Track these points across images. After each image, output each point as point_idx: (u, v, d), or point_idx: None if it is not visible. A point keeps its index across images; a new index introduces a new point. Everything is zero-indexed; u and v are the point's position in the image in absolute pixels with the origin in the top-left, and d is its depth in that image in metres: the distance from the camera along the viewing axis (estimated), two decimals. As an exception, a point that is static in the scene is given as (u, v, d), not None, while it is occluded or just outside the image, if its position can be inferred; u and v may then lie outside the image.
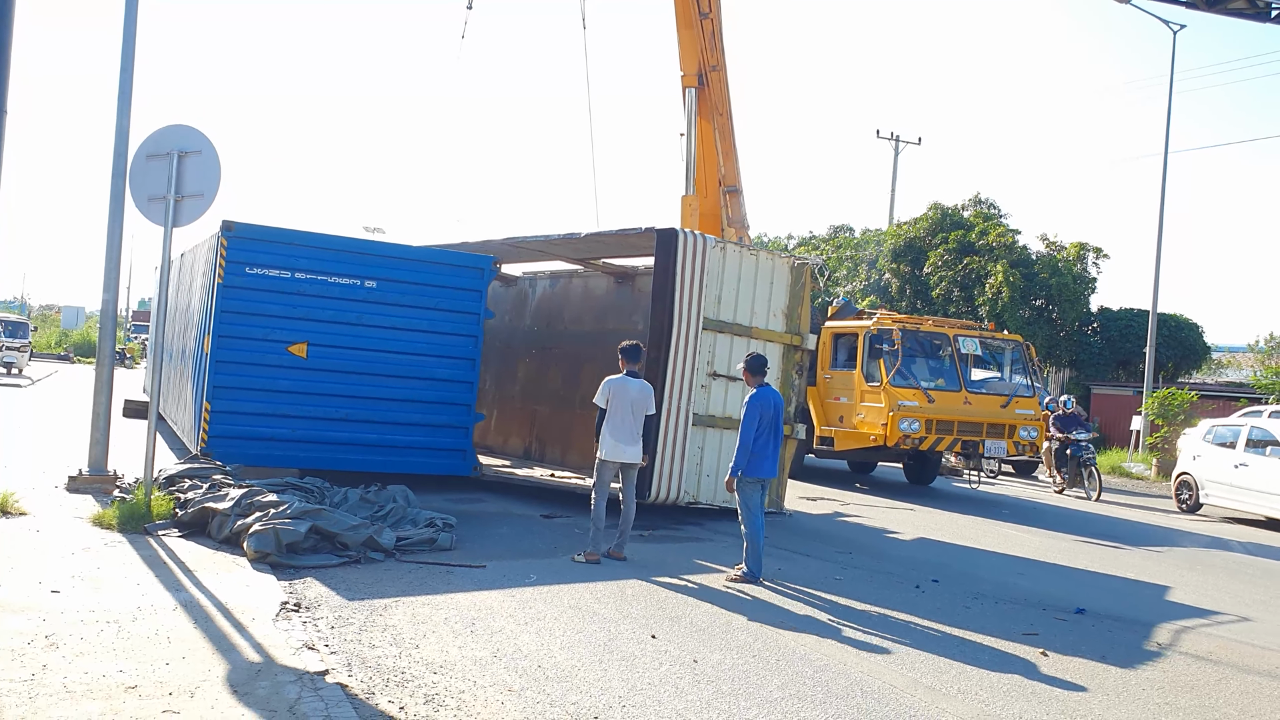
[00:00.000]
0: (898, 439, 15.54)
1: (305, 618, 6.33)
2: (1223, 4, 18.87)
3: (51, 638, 5.40)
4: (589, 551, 8.86)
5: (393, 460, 11.54)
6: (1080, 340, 31.23)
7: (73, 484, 9.87)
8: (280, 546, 7.75)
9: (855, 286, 34.32)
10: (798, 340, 12.14)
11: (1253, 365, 32.44)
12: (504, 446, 16.15)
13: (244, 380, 10.96)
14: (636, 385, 9.04)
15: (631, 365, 9.10)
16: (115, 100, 10.04)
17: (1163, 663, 6.94)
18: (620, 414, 8.94)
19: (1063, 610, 8.29)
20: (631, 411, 8.96)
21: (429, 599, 7.12)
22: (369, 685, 5.23)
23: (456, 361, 11.94)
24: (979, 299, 30.14)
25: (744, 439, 8.56)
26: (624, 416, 8.94)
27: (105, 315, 10.46)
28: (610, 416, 8.94)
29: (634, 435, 8.98)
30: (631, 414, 8.96)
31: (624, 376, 9.06)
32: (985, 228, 31.51)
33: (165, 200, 9.23)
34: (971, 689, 5.97)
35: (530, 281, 16.83)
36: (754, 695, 5.55)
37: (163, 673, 5.04)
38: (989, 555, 11.09)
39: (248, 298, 10.94)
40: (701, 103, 15.93)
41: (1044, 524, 14.06)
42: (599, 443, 9.01)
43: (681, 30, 15.82)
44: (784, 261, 12.25)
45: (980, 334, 17.32)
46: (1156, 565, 11.20)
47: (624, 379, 9.04)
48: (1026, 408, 16.71)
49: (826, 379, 17.02)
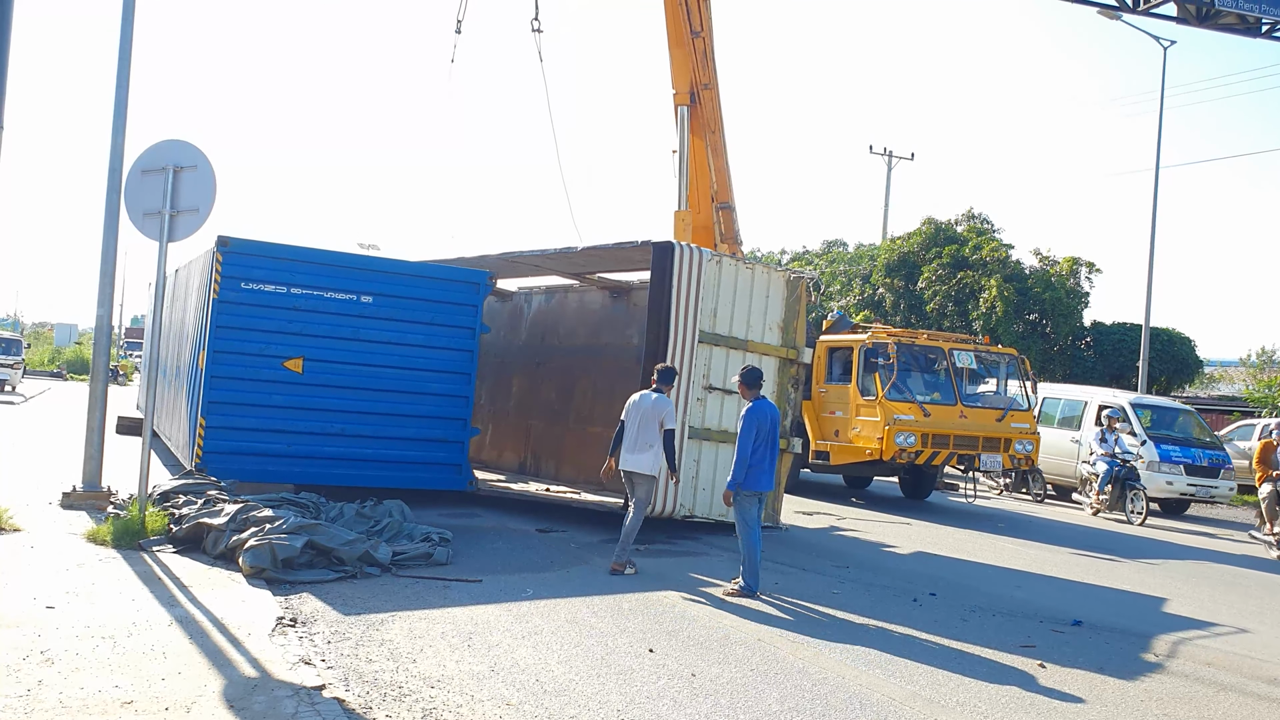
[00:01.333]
0: (893, 453, 15.54)
1: (301, 632, 6.30)
2: (1213, 19, 18.99)
3: (47, 653, 5.37)
4: (614, 561, 9.08)
5: (388, 475, 11.52)
6: (1074, 355, 31.30)
7: (67, 500, 9.82)
8: (276, 562, 7.72)
9: (849, 301, 34.37)
10: (793, 354, 12.15)
11: (1245, 379, 32.53)
12: (499, 461, 16.13)
13: (239, 396, 10.94)
14: (651, 399, 9.19)
15: (660, 385, 9.32)
16: (110, 116, 10.04)
17: (1160, 674, 6.94)
18: (630, 424, 9.17)
19: (1060, 622, 8.28)
20: (640, 421, 9.12)
21: (426, 613, 7.10)
22: (366, 700, 5.20)
23: (452, 376, 11.93)
24: (973, 314, 30.21)
25: (741, 452, 8.56)
26: (632, 426, 9.15)
27: (100, 330, 10.42)
28: (625, 429, 9.19)
29: (637, 444, 9.10)
30: (639, 424, 9.12)
31: (646, 392, 9.32)
32: (979, 242, 31.60)
33: (160, 215, 9.22)
34: (970, 701, 5.96)
35: (526, 297, 16.85)
36: (752, 709, 5.53)
37: (158, 688, 5.01)
38: (986, 568, 11.08)
39: (243, 313, 10.93)
40: (694, 120, 15.96)
41: (1040, 537, 14.07)
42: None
43: (673, 49, 15.87)
44: (779, 275, 12.28)
45: (975, 348, 17.36)
46: (1153, 577, 11.21)
47: (644, 393, 9.30)
48: (1022, 421, 16.73)
49: (822, 393, 17.03)
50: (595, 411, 14.58)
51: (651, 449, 9.08)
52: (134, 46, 10.08)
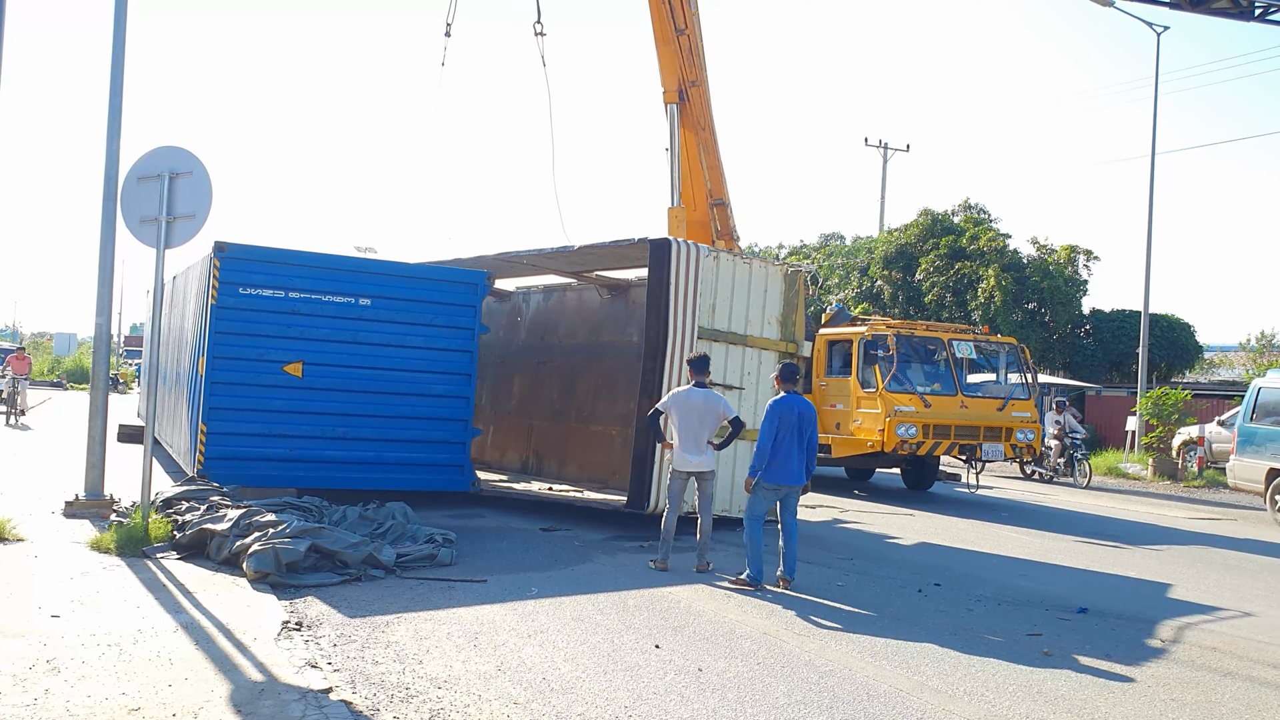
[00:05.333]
0: (895, 444, 15.55)
1: (307, 636, 6.30)
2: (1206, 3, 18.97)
3: (53, 662, 5.37)
4: (657, 560, 9.16)
5: (391, 477, 11.52)
6: (1073, 343, 31.32)
7: (70, 509, 9.82)
8: (280, 566, 7.72)
9: (847, 294, 34.39)
10: (793, 348, 12.13)
11: (1244, 363, 32.56)
12: (501, 461, 16.13)
13: (240, 401, 10.94)
14: (701, 395, 9.15)
15: (699, 376, 9.24)
16: (105, 124, 10.02)
17: (1167, 660, 6.94)
18: (685, 424, 9.09)
19: (1065, 610, 8.28)
20: (697, 421, 9.07)
21: (431, 614, 7.10)
22: (373, 702, 5.20)
23: (452, 377, 11.92)
24: (971, 304, 30.23)
25: (761, 442, 8.62)
26: (688, 426, 9.08)
27: (99, 339, 10.40)
28: (678, 428, 9.10)
29: (699, 444, 9.10)
30: (697, 423, 9.07)
31: (690, 388, 9.24)
32: (976, 232, 31.62)
33: (157, 222, 9.23)
34: (978, 690, 5.96)
35: (524, 296, 16.84)
36: (760, 702, 5.53)
37: (165, 694, 5.01)
38: (990, 557, 11.08)
39: (242, 318, 10.92)
40: (684, 117, 15.95)
41: (1043, 525, 14.06)
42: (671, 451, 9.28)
43: (660, 47, 15.85)
44: (777, 269, 12.27)
45: (975, 338, 17.36)
46: (1157, 563, 11.21)
47: (689, 390, 9.21)
48: (1023, 410, 16.73)
49: (822, 386, 17.03)
50: (597, 410, 14.58)
51: (708, 446, 9.18)
52: (127, 54, 10.07)
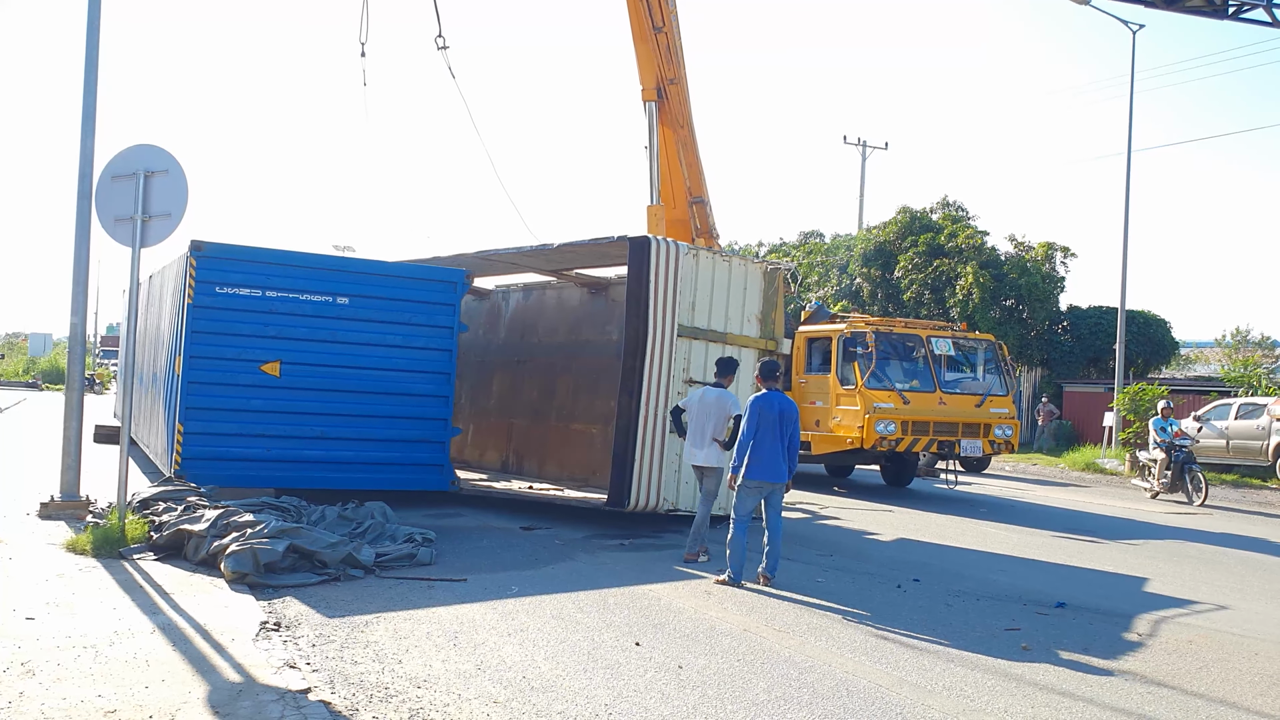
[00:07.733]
0: (874, 441, 15.62)
1: (286, 636, 6.27)
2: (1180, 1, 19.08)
3: (28, 664, 5.32)
4: (688, 551, 9.61)
5: (370, 477, 11.47)
6: (1051, 339, 31.51)
7: (45, 510, 9.73)
8: (258, 566, 7.67)
9: (827, 292, 34.47)
10: (772, 345, 12.16)
11: (1220, 359, 32.80)
12: (481, 460, 16.09)
13: (217, 401, 10.87)
14: (715, 394, 9.61)
15: (720, 378, 9.76)
16: (79, 122, 9.94)
17: (1144, 652, 7.00)
18: (693, 421, 9.63)
19: (1043, 604, 8.34)
20: (704, 418, 9.52)
21: (410, 614, 7.07)
22: (352, 702, 5.18)
23: (431, 376, 11.88)
24: (950, 301, 30.36)
25: (741, 439, 8.72)
26: (695, 423, 9.60)
27: (74, 339, 10.32)
28: (690, 424, 9.65)
29: (702, 440, 9.53)
30: (703, 420, 9.53)
31: (708, 387, 9.79)
32: (954, 230, 31.75)
33: (132, 221, 9.14)
34: (956, 685, 5.99)
35: (504, 294, 16.80)
36: (740, 699, 5.54)
37: (142, 696, 4.97)
38: (968, 553, 11.14)
39: (219, 317, 10.85)
40: (662, 115, 15.94)
41: (1022, 521, 14.16)
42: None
43: (638, 44, 15.82)
44: (757, 267, 12.29)
45: (953, 334, 17.45)
46: (1134, 558, 11.30)
47: (706, 389, 9.77)
48: (1001, 406, 16.84)
49: (801, 383, 17.08)
50: (577, 408, 14.56)
51: (713, 443, 9.50)
52: (101, 52, 10.00)
